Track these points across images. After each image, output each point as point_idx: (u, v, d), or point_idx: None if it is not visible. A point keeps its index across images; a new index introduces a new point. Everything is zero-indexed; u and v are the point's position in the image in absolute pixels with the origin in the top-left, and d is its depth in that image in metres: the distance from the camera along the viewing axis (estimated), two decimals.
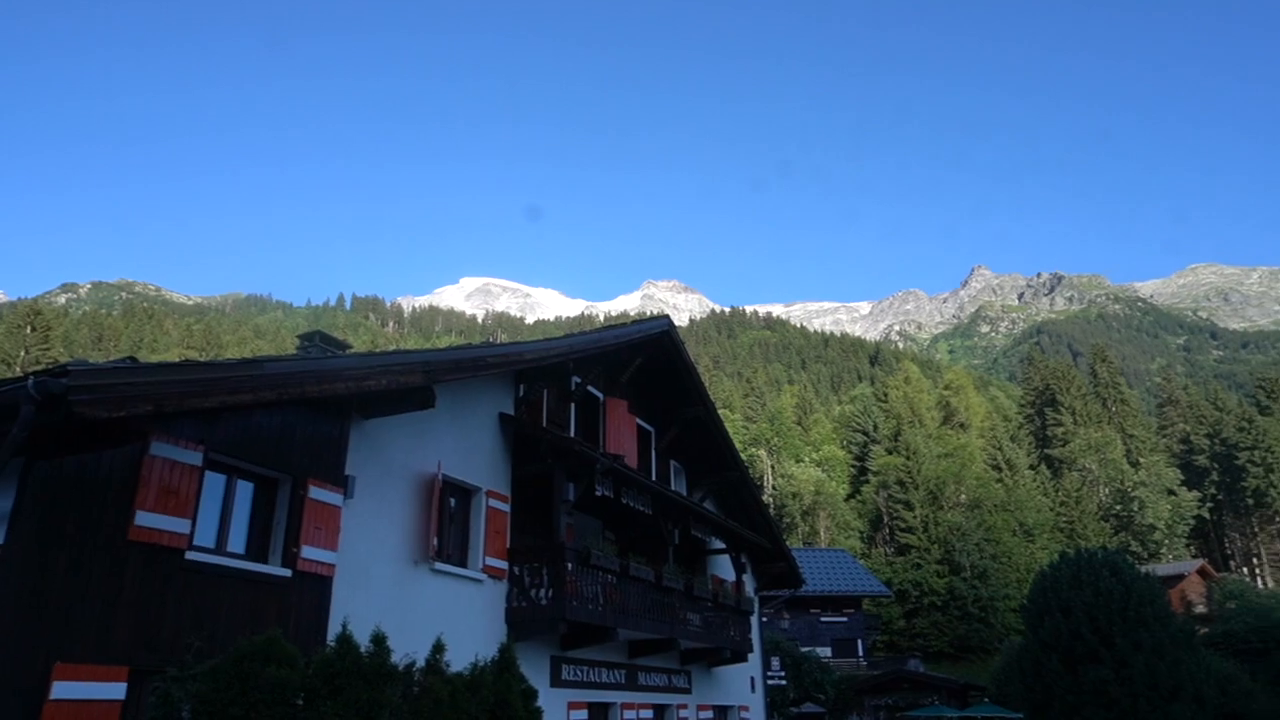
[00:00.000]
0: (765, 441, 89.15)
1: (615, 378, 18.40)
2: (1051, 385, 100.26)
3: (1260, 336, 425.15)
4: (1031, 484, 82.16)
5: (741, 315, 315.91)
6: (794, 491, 78.10)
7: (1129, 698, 24.78)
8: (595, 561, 14.22)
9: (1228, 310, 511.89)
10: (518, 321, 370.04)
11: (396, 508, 11.72)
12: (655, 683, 17.97)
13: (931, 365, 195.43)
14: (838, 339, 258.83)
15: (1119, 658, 25.39)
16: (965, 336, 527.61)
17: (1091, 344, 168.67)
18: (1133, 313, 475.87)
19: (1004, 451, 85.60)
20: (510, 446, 14.64)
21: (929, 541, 67.04)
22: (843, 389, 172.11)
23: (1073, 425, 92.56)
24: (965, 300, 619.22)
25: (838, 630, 51.76)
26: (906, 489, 71.40)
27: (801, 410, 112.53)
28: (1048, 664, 26.63)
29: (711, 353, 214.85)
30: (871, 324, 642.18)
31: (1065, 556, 29.91)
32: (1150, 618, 26.12)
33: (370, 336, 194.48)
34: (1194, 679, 25.52)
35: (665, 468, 21.39)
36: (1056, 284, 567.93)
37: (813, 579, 49.20)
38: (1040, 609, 28.01)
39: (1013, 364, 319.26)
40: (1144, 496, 79.17)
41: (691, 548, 20.78)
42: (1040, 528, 72.91)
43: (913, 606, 62.97)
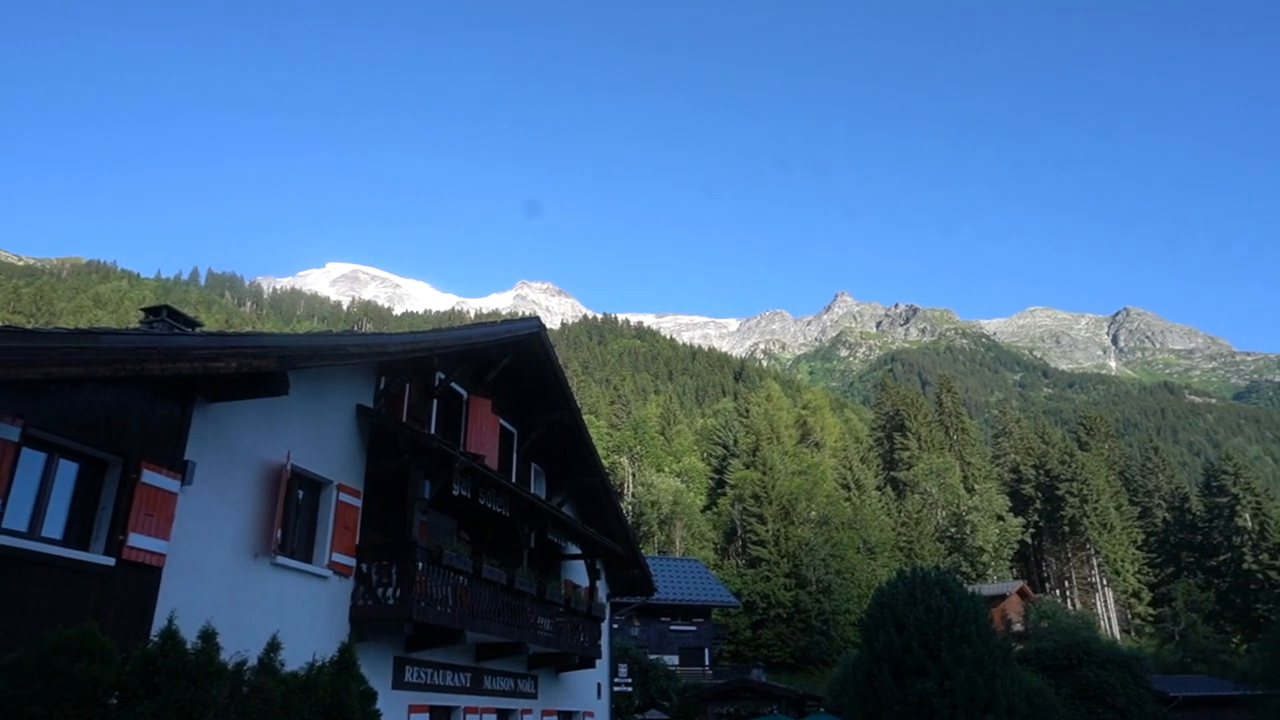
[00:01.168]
0: (628, 449, 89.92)
1: (481, 376, 18.14)
2: (901, 411, 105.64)
3: (1084, 378, 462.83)
4: (877, 504, 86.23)
5: (613, 323, 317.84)
6: (653, 500, 79.08)
7: (950, 709, 26.37)
8: (447, 562, 13.94)
9: (1058, 352, 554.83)
10: (385, 312, 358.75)
11: (239, 497, 11.13)
12: (502, 687, 17.76)
13: (792, 385, 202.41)
14: (705, 353, 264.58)
15: (944, 671, 26.98)
16: (826, 359, 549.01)
17: (939, 375, 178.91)
18: (977, 348, 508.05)
19: (854, 472, 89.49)
20: (367, 440, 14.18)
21: (779, 555, 69.16)
22: (707, 402, 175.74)
23: (918, 450, 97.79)
24: (828, 324, 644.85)
25: (686, 639, 52.63)
26: (761, 503, 73.49)
27: (666, 421, 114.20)
28: (880, 676, 28.01)
29: (581, 358, 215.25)
30: (738, 340, 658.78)
31: (902, 574, 31.56)
32: (974, 634, 27.90)
33: (224, 316, 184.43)
34: (1007, 692, 27.40)
35: (526, 470, 21.23)
36: (912, 315, 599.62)
37: (665, 587, 49.89)
38: (876, 623, 29.45)
39: (867, 389, 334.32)
40: (976, 520, 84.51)
41: (547, 552, 20.69)
42: (882, 546, 76.53)
43: (760, 618, 64.79)
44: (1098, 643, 46.38)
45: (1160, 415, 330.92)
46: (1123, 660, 43.04)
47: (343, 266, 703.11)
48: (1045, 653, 42.49)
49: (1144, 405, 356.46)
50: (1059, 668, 40.53)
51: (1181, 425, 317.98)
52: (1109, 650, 44.46)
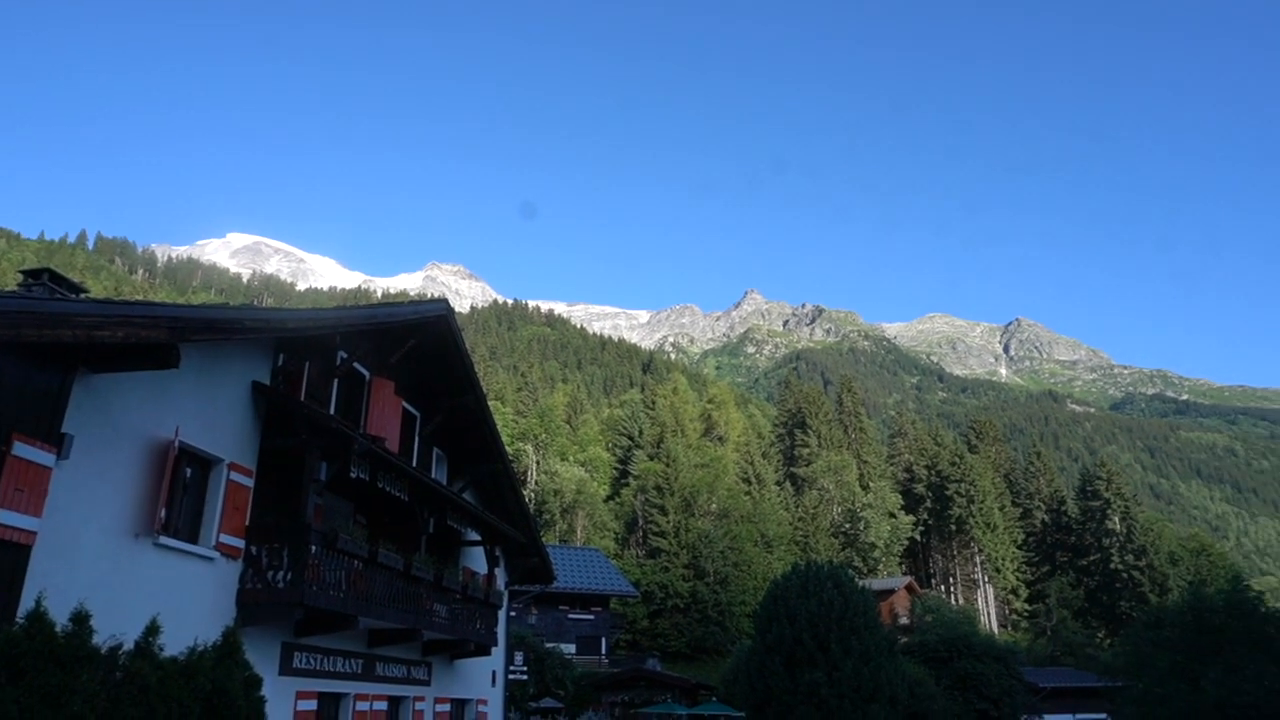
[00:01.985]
0: (533, 437, 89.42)
1: (385, 357, 17.74)
2: (803, 409, 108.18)
3: (976, 384, 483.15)
4: (776, 498, 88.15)
5: (524, 309, 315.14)
6: (556, 489, 78.90)
7: (836, 698, 27.23)
8: (342, 546, 13.61)
9: (954, 358, 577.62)
10: (287, 287, 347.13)
11: (121, 474, 10.60)
12: (394, 674, 17.47)
13: (699, 379, 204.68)
14: (615, 344, 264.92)
15: (833, 662, 27.84)
16: (733, 355, 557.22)
17: (841, 375, 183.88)
18: (878, 350, 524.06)
19: (755, 466, 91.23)
20: (262, 418, 13.69)
21: (679, 546, 69.97)
22: (614, 393, 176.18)
23: (817, 448, 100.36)
24: (736, 321, 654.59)
25: (584, 628, 52.76)
26: (663, 495, 74.17)
27: (572, 410, 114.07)
28: (771, 666, 28.69)
29: (490, 343, 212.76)
30: (648, 333, 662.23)
31: (797, 568, 32.38)
32: (862, 627, 28.87)
33: (114, 282, 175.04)
34: (891, 683, 28.47)
35: (428, 454, 20.88)
36: (818, 316, 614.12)
37: (564, 576, 49.87)
38: (770, 615, 30.15)
39: (772, 385, 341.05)
40: (870, 517, 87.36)
41: (446, 537, 20.43)
42: (779, 540, 78.30)
43: (658, 608, 65.45)
44: (977, 636, 48.68)
45: (1044, 422, 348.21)
46: (998, 653, 45.24)
47: (245, 238, 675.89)
48: (928, 645, 44.29)
49: (1030, 412, 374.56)
50: (940, 659, 42.31)
51: (1063, 432, 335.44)
52: (986, 644, 46.68)
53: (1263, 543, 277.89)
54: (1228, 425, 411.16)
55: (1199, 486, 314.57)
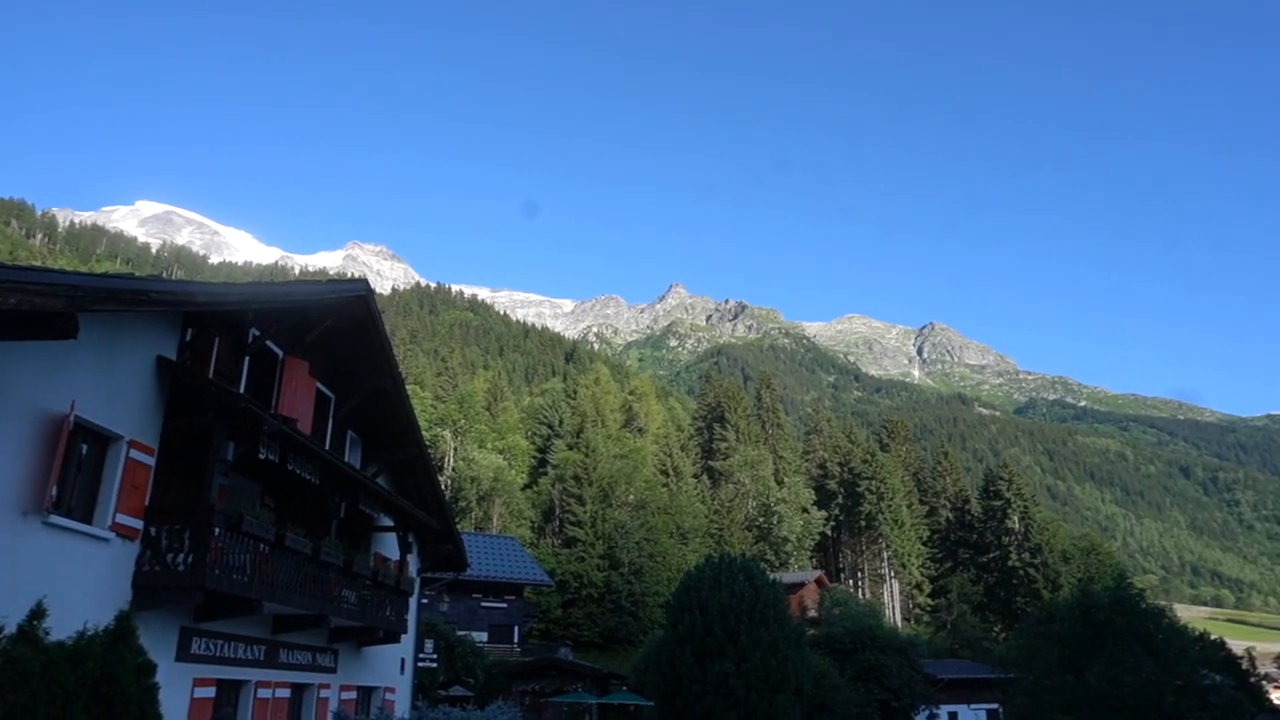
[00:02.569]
0: (452, 423, 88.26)
1: (301, 337, 17.25)
2: (723, 403, 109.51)
3: (890, 384, 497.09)
4: (693, 491, 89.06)
5: (446, 293, 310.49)
6: (474, 476, 78.09)
7: (744, 689, 27.72)
8: (247, 529, 13.21)
9: (870, 358, 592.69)
10: (200, 259, 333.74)
11: (9, 448, 10.06)
12: (298, 660, 17.06)
13: (621, 370, 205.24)
14: (538, 331, 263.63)
15: (741, 653, 28.32)
16: (656, 347, 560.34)
17: (761, 371, 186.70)
18: (798, 348, 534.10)
19: (673, 459, 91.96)
20: (166, 395, 13.16)
21: (595, 537, 70.11)
22: (536, 381, 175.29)
23: (735, 442, 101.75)
24: (660, 314, 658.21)
25: (496, 616, 52.44)
26: (581, 484, 74.15)
27: (493, 396, 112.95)
28: (681, 656, 29.03)
29: (411, 326, 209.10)
30: (572, 322, 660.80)
31: (710, 560, 32.82)
32: (772, 619, 29.44)
33: (9, 247, 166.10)
34: (797, 674, 29.13)
35: (342, 437, 20.42)
36: (740, 312, 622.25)
37: (479, 564, 49.48)
38: (682, 606, 30.48)
39: (693, 379, 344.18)
40: (783, 512, 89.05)
41: (358, 522, 20.04)
42: (695, 532, 79.14)
43: (572, 597, 65.49)
44: (881, 630, 50.20)
45: (953, 423, 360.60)
46: (900, 646, 46.76)
47: (155, 206, 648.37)
48: (834, 638, 45.47)
49: (940, 413, 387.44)
50: (846, 651, 43.50)
51: (970, 434, 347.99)
52: (890, 637, 48.18)
53: (1146, 542, 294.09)
54: (1120, 431, 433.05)
55: (1092, 489, 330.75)
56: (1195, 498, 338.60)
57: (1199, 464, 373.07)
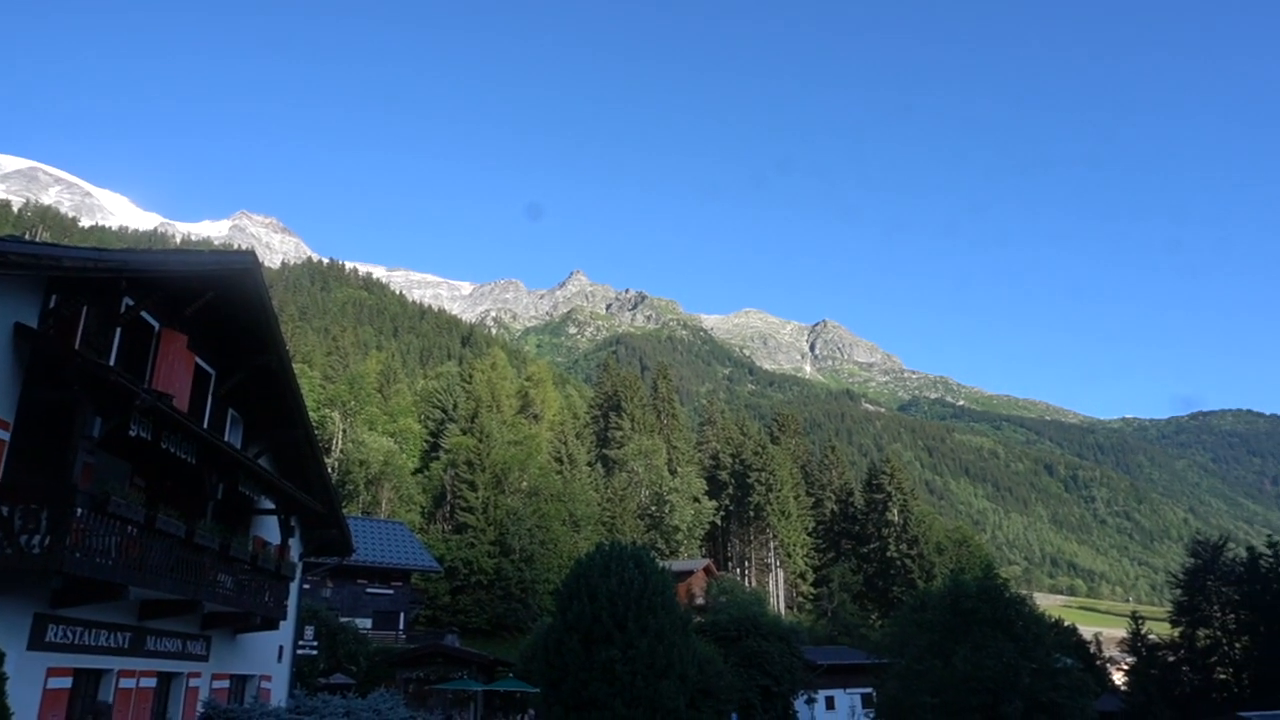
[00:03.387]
0: (341, 404, 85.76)
1: (179, 309, 16.39)
2: (619, 392, 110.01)
3: (783, 379, 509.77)
4: (586, 479, 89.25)
5: (340, 270, 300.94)
6: (363, 459, 76.12)
7: (630, 675, 28.02)
8: (114, 510, 12.48)
9: (764, 352, 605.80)
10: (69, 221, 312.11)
11: None
12: (167, 648, 16.28)
13: (519, 355, 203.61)
14: (435, 313, 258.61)
15: (629, 640, 28.60)
16: (554, 334, 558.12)
17: (659, 361, 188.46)
18: (695, 340, 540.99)
19: (568, 446, 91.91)
20: (25, 366, 12.30)
21: (486, 523, 69.47)
22: (431, 364, 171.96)
23: (630, 431, 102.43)
24: (560, 300, 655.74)
25: (382, 602, 51.40)
26: (474, 470, 73.29)
27: (385, 378, 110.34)
28: (569, 643, 29.11)
29: (301, 303, 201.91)
30: (470, 305, 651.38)
31: (601, 547, 33.01)
32: (659, 606, 29.83)
33: None
34: (682, 660, 29.64)
35: (222, 415, 19.54)
36: (640, 302, 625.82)
37: (365, 549, 48.39)
38: (571, 593, 30.56)
39: (591, 367, 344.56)
40: (676, 501, 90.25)
41: (238, 505, 19.25)
42: (587, 520, 79.36)
43: (461, 583, 64.73)
44: (765, 617, 51.55)
45: (840, 419, 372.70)
46: (783, 633, 48.13)
47: (18, 161, 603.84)
48: (720, 625, 46.42)
49: (829, 408, 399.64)
50: (730, 638, 44.48)
51: (856, 429, 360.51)
52: (773, 624, 49.54)
53: (1012, 535, 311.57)
54: (993, 430, 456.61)
55: (966, 484, 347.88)
56: (1057, 494, 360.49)
57: (1062, 462, 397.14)
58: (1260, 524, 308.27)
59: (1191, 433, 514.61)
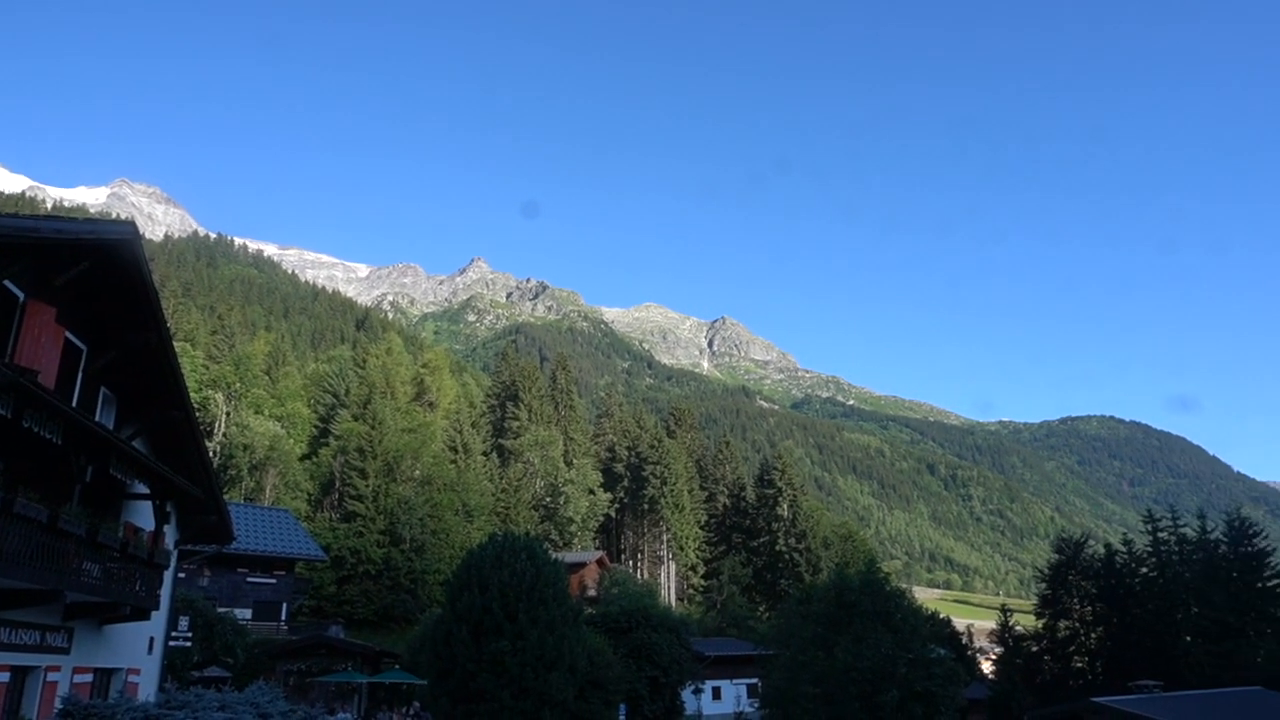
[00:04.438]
0: (226, 386, 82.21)
1: (48, 279, 15.38)
2: (517, 382, 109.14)
3: (682, 374, 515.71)
4: (481, 469, 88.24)
5: (228, 246, 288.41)
6: (247, 443, 73.21)
7: (519, 666, 27.92)
8: None
9: (664, 347, 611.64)
10: None
11: None
12: (23, 640, 15.28)
13: (416, 341, 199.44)
14: (329, 295, 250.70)
15: (519, 631, 28.49)
16: (453, 321, 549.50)
17: (558, 352, 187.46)
18: (596, 332, 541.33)
19: (464, 435, 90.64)
20: None
21: (376, 511, 67.93)
22: (323, 347, 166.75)
23: (527, 421, 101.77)
24: (460, 287, 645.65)
25: (264, 592, 49.64)
26: (365, 457, 71.50)
27: (274, 360, 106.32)
28: (458, 634, 28.78)
29: (185, 278, 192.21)
30: (367, 288, 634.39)
31: (494, 538, 32.76)
32: (551, 598, 29.82)
33: None
34: (572, 652, 29.72)
35: (93, 394, 18.46)
36: (541, 292, 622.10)
37: (246, 537, 46.66)
38: (462, 584, 30.22)
39: (489, 356, 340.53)
40: (571, 493, 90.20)
41: (108, 489, 18.21)
42: (481, 510, 78.52)
43: (348, 573, 63.10)
44: (656, 609, 52.15)
45: (735, 414, 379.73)
46: (672, 625, 48.81)
47: None
48: (611, 617, 46.72)
49: (724, 404, 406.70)
50: (621, 630, 44.83)
51: (750, 425, 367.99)
52: (663, 616, 50.17)
53: (895, 531, 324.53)
54: (881, 430, 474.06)
55: (853, 481, 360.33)
56: (937, 492, 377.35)
57: (943, 462, 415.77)
58: (1117, 523, 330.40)
59: (1061, 436, 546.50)
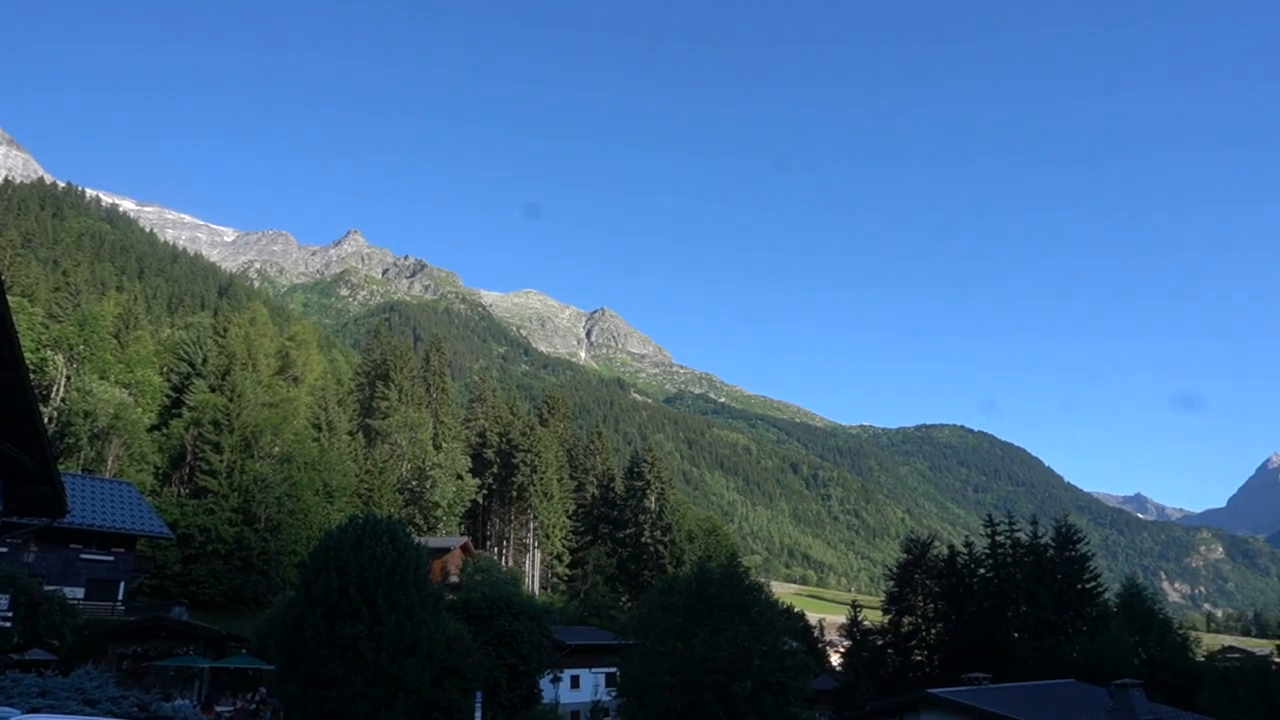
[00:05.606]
0: (68, 347, 76.45)
1: None
2: (389, 361, 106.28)
3: (558, 362, 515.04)
4: (346, 449, 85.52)
5: (79, 196, 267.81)
6: (88, 410, 68.32)
7: (375, 652, 27.35)
8: None
9: (542, 334, 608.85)
10: None
11: None
12: None
13: (283, 313, 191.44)
14: (190, 258, 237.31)
15: (376, 616, 27.91)
16: (324, 294, 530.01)
17: (433, 333, 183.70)
18: (473, 315, 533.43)
19: (329, 413, 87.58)
20: None
21: (230, 488, 64.88)
22: (181, 312, 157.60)
23: (397, 402, 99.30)
24: (334, 259, 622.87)
25: (99, 570, 46.55)
26: (221, 431, 68.08)
27: (124, 323, 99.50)
28: (311, 618, 27.92)
29: (25, 227, 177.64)
30: (233, 253, 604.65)
31: (355, 520, 31.91)
32: (411, 583, 29.34)
33: None
34: (431, 638, 29.35)
35: None
36: (419, 270, 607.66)
37: (82, 510, 43.89)
38: (319, 566, 29.34)
39: (361, 333, 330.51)
40: (438, 476, 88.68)
41: None
42: (343, 491, 76.15)
43: (196, 552, 60.03)
44: (519, 597, 52.00)
45: (609, 406, 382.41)
46: (534, 613, 48.83)
47: None
48: (472, 603, 46.33)
49: (599, 395, 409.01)
50: (482, 617, 44.55)
51: (623, 417, 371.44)
52: (526, 604, 50.08)
53: (757, 527, 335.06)
54: (749, 428, 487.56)
55: (720, 477, 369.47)
56: (799, 490, 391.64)
57: (806, 462, 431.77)
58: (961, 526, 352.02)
59: (915, 443, 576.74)
